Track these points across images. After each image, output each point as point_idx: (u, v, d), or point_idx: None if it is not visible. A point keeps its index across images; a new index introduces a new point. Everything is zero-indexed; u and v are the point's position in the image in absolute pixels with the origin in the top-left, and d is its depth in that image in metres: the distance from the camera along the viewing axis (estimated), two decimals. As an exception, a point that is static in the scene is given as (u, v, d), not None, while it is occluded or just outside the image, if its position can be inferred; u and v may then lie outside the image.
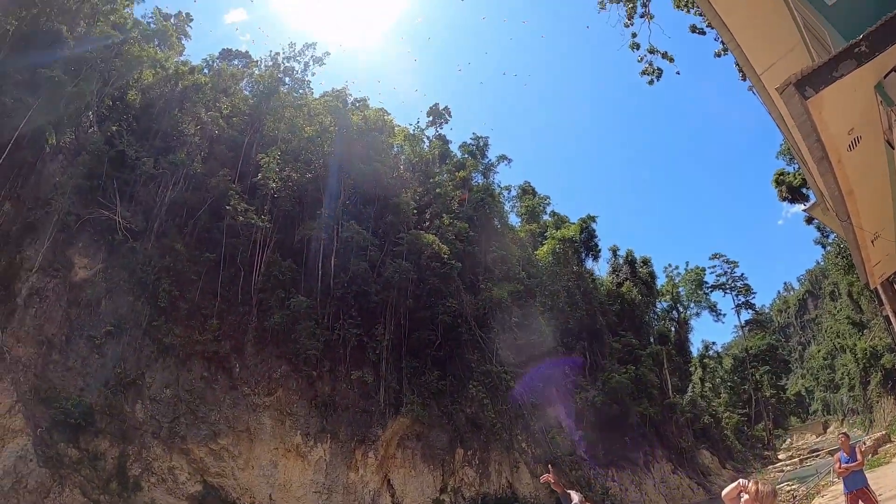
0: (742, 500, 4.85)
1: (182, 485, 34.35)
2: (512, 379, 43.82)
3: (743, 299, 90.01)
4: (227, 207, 40.46)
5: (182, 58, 55.87)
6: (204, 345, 37.78)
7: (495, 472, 40.44)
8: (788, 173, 45.35)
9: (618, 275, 71.19)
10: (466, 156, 65.45)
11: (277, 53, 58.53)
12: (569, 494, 6.03)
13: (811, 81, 3.96)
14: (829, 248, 65.95)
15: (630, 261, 72.54)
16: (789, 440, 78.65)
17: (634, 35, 21.84)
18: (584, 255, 64.87)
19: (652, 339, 68.38)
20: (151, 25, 54.21)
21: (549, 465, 6.09)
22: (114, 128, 43.66)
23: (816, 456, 51.56)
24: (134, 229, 39.74)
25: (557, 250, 57.85)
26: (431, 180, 56.17)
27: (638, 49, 21.82)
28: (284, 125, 49.43)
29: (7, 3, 38.55)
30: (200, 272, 40.27)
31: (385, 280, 41.18)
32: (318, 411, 37.26)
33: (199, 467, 35.12)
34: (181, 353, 37.35)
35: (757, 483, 4.89)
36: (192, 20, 61.67)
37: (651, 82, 22.42)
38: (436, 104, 66.67)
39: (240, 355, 38.77)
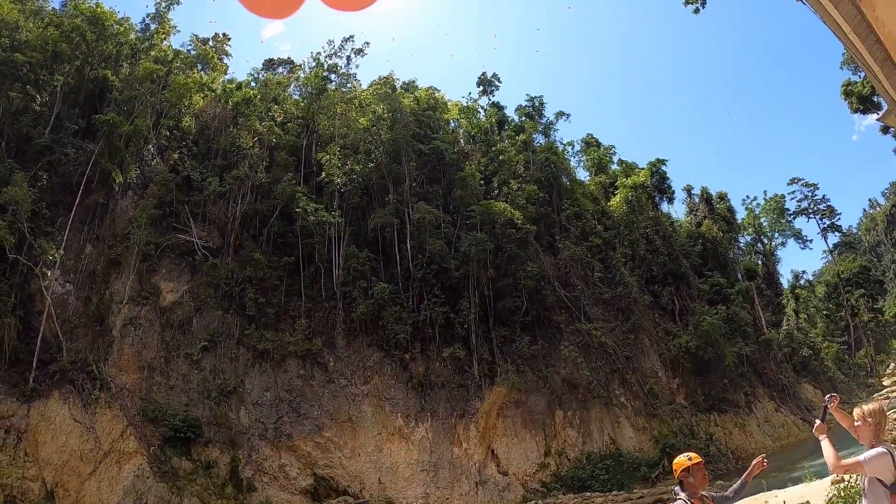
0: (856, 426, 4.90)
1: (294, 480, 35.47)
2: (603, 334, 43.17)
3: (828, 222, 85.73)
4: (297, 210, 41.12)
5: (227, 76, 57.18)
6: (296, 345, 38.82)
7: (597, 430, 39.99)
8: (855, 83, 42.68)
9: (695, 215, 68.49)
10: (524, 118, 64.61)
11: (318, 53, 59.27)
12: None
13: (856, -21, 3.54)
14: (910, 154, 61.94)
15: (706, 198, 69.60)
16: (893, 365, 74.37)
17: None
18: (658, 199, 62.86)
19: (739, 276, 65.69)
20: (192, 52, 55.64)
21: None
22: (175, 156, 45.16)
23: (925, 379, 48.23)
24: (212, 247, 41.05)
25: (630, 198, 56.26)
26: (493, 148, 55.72)
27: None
28: (338, 121, 49.98)
29: (49, 62, 40.22)
30: (282, 276, 41.27)
31: (463, 255, 41.14)
32: (415, 392, 37.69)
33: (307, 461, 36.13)
34: (276, 356, 38.50)
35: (861, 407, 4.97)
36: (230, 39, 63.01)
37: (696, 10, 21.48)
38: (483, 73, 66.60)
39: (332, 349, 39.56)
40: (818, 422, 5.24)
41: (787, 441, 46.64)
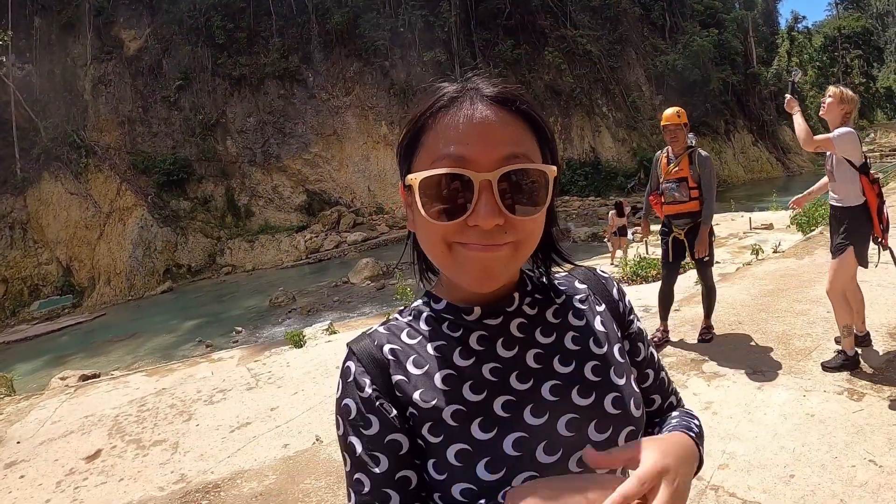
0: (826, 103, 4.69)
1: (288, 199, 36.53)
2: (588, 42, 41.83)
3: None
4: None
5: None
6: (273, 65, 38.16)
7: (577, 137, 40.44)
8: None
9: (699, -73, 63.39)
10: None
11: None
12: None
13: None
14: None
15: (712, -89, 63.98)
16: (872, 135, 73.65)
17: None
18: None
19: (737, 5, 62.82)
20: None
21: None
22: None
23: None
24: (168, -19, 38.51)
25: None
26: None
27: None
28: None
29: None
30: (247, -4, 39.24)
31: (442, -49, 38.54)
32: (397, 99, 37.47)
33: (298, 179, 36.97)
34: (253, 81, 38.05)
35: (839, 87, 4.72)
36: None
37: None
38: None
39: (310, 65, 38.84)
40: (788, 96, 4.90)
41: (759, 175, 47.36)
